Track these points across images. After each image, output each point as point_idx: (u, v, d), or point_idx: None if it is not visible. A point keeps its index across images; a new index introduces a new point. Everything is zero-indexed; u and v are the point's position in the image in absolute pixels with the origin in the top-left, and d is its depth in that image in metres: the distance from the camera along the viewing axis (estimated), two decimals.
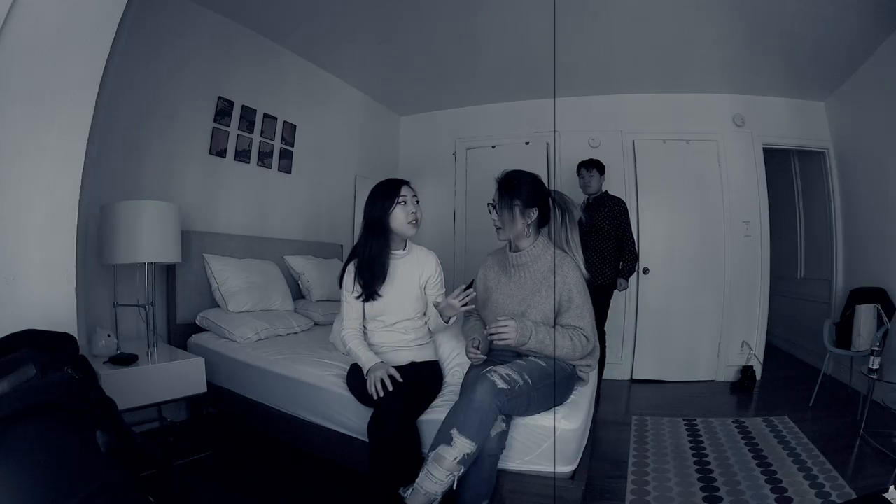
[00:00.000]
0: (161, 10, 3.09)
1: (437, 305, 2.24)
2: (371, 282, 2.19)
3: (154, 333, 2.68)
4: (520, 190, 2.06)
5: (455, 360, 2.41)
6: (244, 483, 2.46)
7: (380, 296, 2.21)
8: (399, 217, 2.18)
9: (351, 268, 2.25)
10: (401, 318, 2.28)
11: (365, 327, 2.32)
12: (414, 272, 2.30)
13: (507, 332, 1.88)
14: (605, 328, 3.94)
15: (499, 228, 2.11)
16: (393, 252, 2.25)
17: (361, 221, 2.24)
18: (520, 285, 2.11)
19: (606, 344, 3.93)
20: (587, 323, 2.01)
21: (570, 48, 4.04)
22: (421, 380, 2.16)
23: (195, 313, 3.21)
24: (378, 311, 2.26)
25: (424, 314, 2.37)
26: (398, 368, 2.12)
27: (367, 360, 2.10)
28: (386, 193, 2.19)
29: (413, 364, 2.23)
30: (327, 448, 2.36)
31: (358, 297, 2.23)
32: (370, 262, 2.19)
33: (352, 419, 2.19)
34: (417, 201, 2.24)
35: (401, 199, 2.18)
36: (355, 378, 2.17)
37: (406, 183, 2.23)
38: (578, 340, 1.97)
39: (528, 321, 1.94)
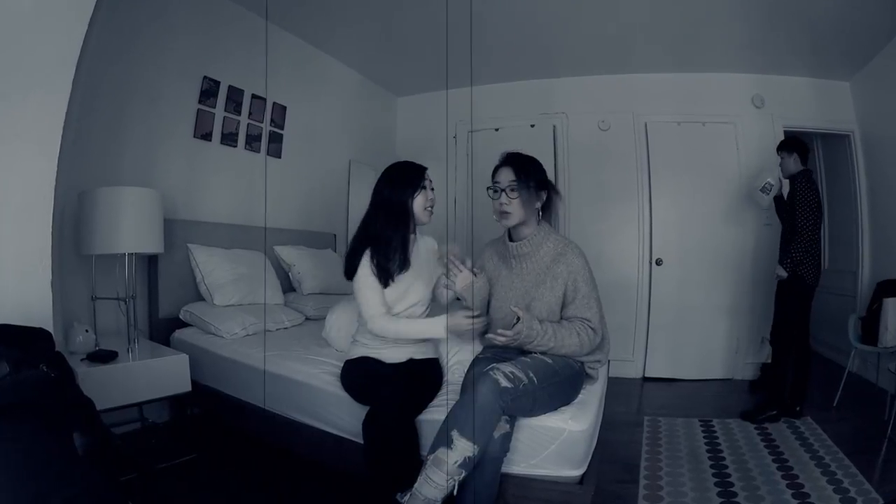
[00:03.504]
0: None
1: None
2: (388, 267, 2.17)
3: (135, 328, 2.67)
4: (535, 171, 2.07)
5: (455, 356, 2.41)
6: (230, 488, 2.46)
7: (394, 282, 2.20)
8: (420, 203, 2.20)
9: (367, 253, 2.21)
10: (413, 303, 2.27)
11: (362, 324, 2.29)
12: (424, 257, 2.32)
13: (505, 342, 1.89)
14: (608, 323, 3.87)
15: (507, 213, 2.04)
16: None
17: (372, 203, 2.23)
18: (522, 277, 2.10)
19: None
20: (594, 314, 2.00)
21: (579, 24, 4.00)
22: (420, 377, 2.15)
23: (179, 307, 3.19)
24: (390, 300, 2.24)
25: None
26: (395, 365, 2.12)
27: (430, 323, 2.13)
28: (410, 178, 2.21)
29: (412, 361, 2.23)
30: (319, 450, 2.36)
31: (384, 283, 2.20)
32: (389, 246, 2.18)
33: (346, 419, 2.18)
34: (433, 189, 2.26)
35: (424, 185, 2.20)
36: (350, 376, 2.17)
37: (426, 169, 2.26)
38: (586, 335, 1.95)
39: (535, 323, 1.90)
